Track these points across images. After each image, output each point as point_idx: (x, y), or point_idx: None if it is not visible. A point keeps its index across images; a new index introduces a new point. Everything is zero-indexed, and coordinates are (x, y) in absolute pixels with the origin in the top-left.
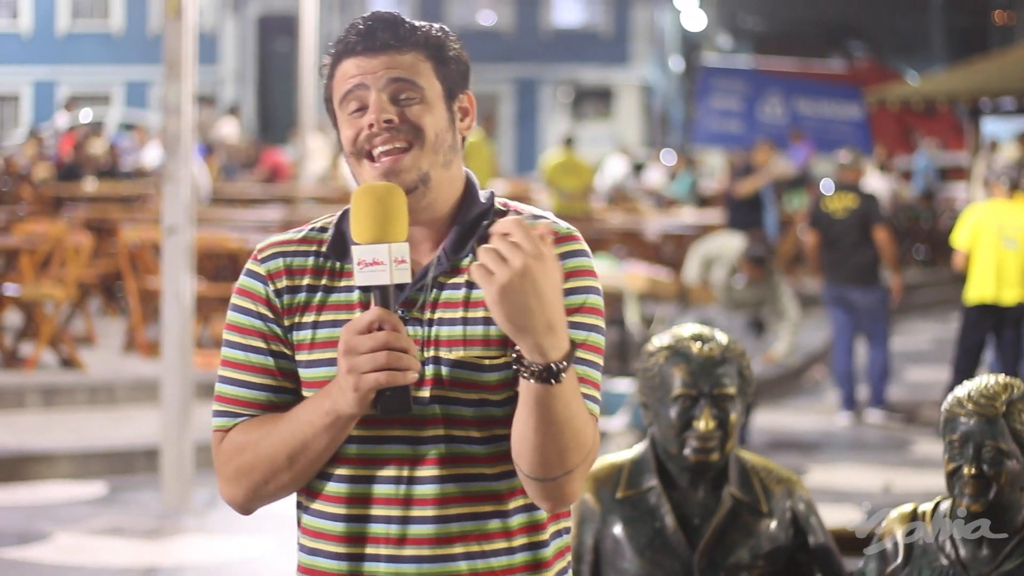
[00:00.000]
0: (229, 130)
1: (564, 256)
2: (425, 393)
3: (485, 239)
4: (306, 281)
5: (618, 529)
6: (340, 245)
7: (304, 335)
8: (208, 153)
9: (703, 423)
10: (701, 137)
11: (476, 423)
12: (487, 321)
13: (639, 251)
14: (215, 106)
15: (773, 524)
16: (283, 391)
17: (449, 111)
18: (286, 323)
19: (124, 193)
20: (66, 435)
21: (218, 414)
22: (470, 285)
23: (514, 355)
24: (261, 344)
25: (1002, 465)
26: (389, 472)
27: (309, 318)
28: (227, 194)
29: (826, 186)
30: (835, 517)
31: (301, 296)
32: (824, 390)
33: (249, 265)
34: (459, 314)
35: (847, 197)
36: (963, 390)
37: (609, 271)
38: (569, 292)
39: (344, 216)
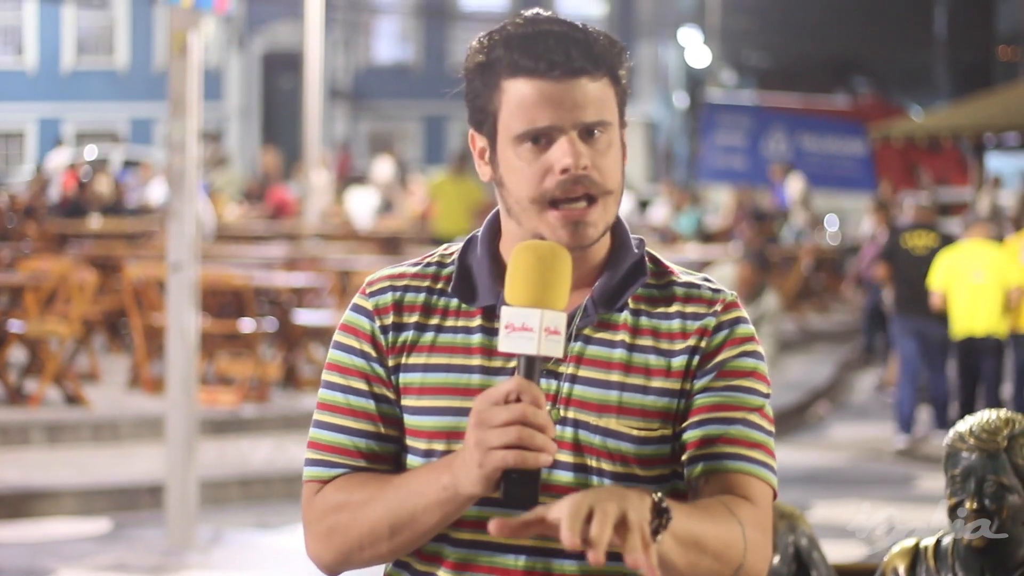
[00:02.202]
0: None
1: (735, 322)
2: (563, 458)
3: (640, 297)
4: (415, 319)
5: None
6: (465, 282)
7: (412, 378)
8: (212, 190)
9: None
10: (705, 173)
11: None
12: (646, 390)
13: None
14: (220, 142)
15: (776, 559)
16: (386, 439)
17: (622, 145)
18: (390, 363)
19: (129, 230)
20: (71, 472)
21: (312, 463)
22: (631, 347)
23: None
24: (363, 386)
25: (1003, 500)
26: (511, 541)
27: (418, 360)
28: (231, 231)
29: (831, 222)
30: (839, 552)
31: (408, 335)
32: (827, 425)
33: (356, 300)
34: (615, 377)
35: (928, 236)
36: (964, 425)
37: None
38: (743, 355)
39: (469, 248)
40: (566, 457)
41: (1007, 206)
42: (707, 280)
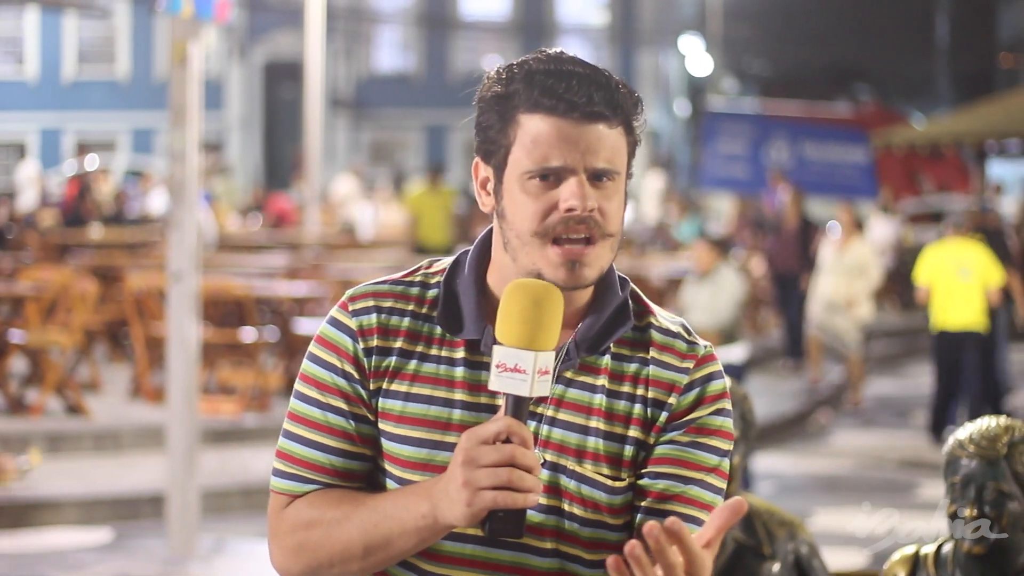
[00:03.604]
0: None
1: (707, 379)
2: (540, 500)
3: (622, 341)
4: (398, 344)
5: None
6: (451, 312)
7: (392, 404)
8: (212, 200)
9: None
10: (707, 181)
11: (586, 544)
12: (624, 439)
13: (644, 295)
14: (221, 152)
15: (776, 567)
16: (361, 458)
17: (625, 194)
18: (372, 386)
19: (130, 240)
20: (72, 482)
21: (284, 475)
22: (611, 394)
23: None
24: (343, 405)
25: (1003, 507)
26: None
27: (400, 387)
28: (233, 240)
29: (832, 230)
30: (840, 560)
31: (391, 360)
32: (829, 433)
33: (337, 314)
34: (593, 423)
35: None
36: (964, 432)
37: None
38: (714, 414)
39: (455, 273)
40: (540, 499)
41: (1009, 213)
42: (685, 329)
